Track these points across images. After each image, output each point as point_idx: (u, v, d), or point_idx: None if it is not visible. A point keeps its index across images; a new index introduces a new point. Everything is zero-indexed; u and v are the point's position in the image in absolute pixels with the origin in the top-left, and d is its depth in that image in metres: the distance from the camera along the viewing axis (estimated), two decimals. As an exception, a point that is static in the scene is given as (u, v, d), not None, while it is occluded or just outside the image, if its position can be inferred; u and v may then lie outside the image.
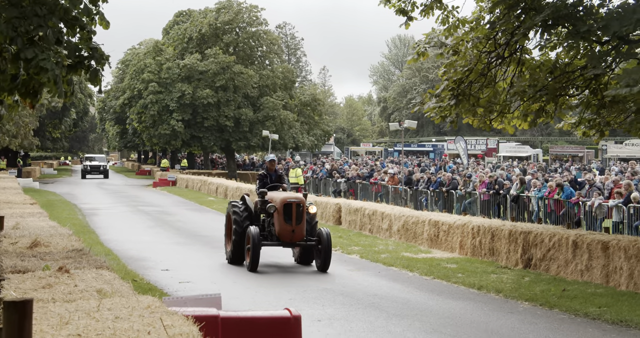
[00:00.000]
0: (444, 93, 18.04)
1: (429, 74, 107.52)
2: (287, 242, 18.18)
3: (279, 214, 17.96)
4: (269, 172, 19.96)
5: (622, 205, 22.58)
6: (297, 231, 18.03)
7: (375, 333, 11.53)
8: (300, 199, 18.22)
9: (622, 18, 14.25)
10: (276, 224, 18.07)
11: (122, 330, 5.51)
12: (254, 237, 17.53)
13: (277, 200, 18.15)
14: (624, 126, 18.17)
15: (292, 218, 17.94)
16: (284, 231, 17.97)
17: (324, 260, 17.93)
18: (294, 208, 17.98)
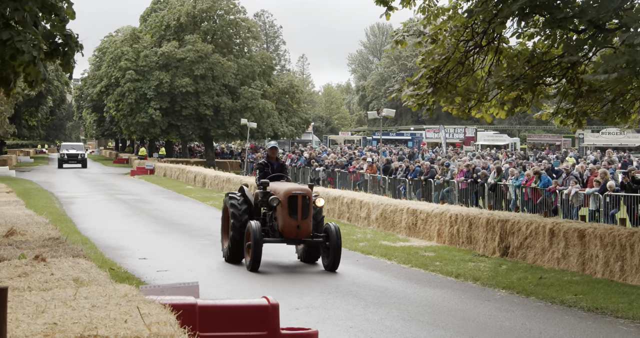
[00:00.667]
0: (422, 81, 18.04)
1: (407, 62, 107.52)
2: (291, 238, 16.59)
3: (282, 208, 16.36)
4: (270, 160, 18.32)
5: (598, 193, 22.73)
6: (303, 226, 16.41)
7: (353, 321, 11.56)
8: (306, 191, 16.60)
9: (598, 6, 14.31)
10: (279, 219, 16.48)
11: (98, 318, 5.49)
12: (255, 233, 15.92)
13: (281, 192, 16.52)
14: (600, 115, 18.26)
15: (298, 213, 16.32)
16: (289, 226, 16.35)
17: (333, 258, 16.37)
18: (300, 201, 16.34)
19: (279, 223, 16.53)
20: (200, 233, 22.89)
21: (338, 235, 16.35)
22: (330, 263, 16.45)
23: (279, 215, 16.50)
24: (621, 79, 13.46)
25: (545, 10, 15.28)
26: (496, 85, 17.51)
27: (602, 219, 22.04)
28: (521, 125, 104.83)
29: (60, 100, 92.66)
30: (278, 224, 16.56)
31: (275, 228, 16.80)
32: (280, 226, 16.49)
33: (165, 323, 5.50)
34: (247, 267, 16.32)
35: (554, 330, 11.35)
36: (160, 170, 57.03)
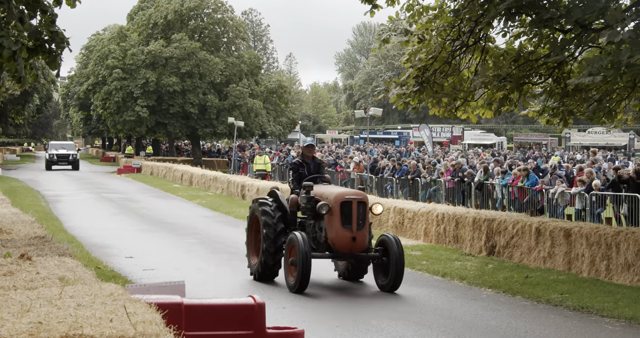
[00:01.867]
0: (408, 80, 18.07)
1: (394, 61, 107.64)
2: (345, 253, 14.00)
3: (333, 216, 13.85)
4: (306, 159, 15.53)
5: (584, 192, 22.81)
6: (359, 239, 13.86)
7: (340, 320, 11.58)
8: (362, 196, 14.19)
9: (584, 6, 14.37)
10: (330, 229, 13.96)
11: (84, 317, 5.47)
12: (303, 247, 13.34)
13: (331, 196, 14.03)
14: (586, 114, 18.33)
15: (353, 222, 13.81)
16: (342, 238, 13.81)
17: (395, 277, 13.81)
18: (355, 208, 13.89)
19: (328, 234, 14.00)
20: (187, 232, 22.85)
21: (400, 250, 13.88)
22: (390, 283, 13.87)
23: (329, 225, 13.98)
24: (606, 79, 13.53)
25: (532, 10, 15.34)
26: (483, 85, 17.55)
27: (588, 218, 22.12)
28: (508, 124, 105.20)
29: (47, 98, 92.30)
30: (327, 236, 14.04)
31: (320, 240, 14.27)
32: (331, 238, 13.94)
33: (151, 323, 5.49)
34: (289, 288, 13.73)
35: (540, 329, 11.39)
36: (147, 168, 56.90)
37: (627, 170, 25.37)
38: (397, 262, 13.73)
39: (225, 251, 19.05)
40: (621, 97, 17.42)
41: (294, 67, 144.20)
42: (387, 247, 14.04)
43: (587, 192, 22.73)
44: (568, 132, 77.40)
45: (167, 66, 63.64)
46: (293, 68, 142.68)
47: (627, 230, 15.30)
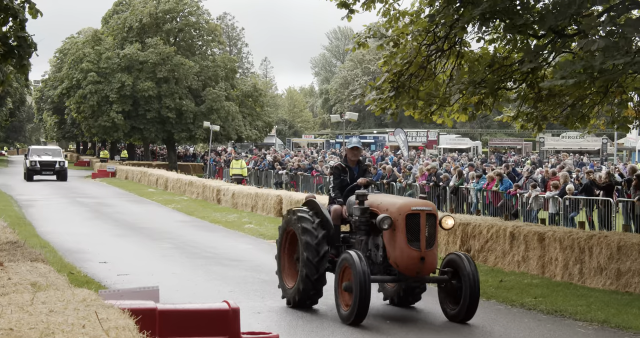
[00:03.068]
0: (384, 85, 18.11)
1: (370, 65, 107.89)
2: (411, 276, 11.81)
3: (397, 231, 11.59)
4: (349, 164, 13.33)
5: (558, 197, 22.96)
6: (429, 259, 11.65)
7: (314, 325, 11.59)
8: (431, 207, 11.94)
9: (557, 12, 14.47)
10: (392, 247, 11.71)
11: (56, 323, 5.44)
12: (360, 270, 11.18)
13: (393, 208, 11.78)
14: (560, 119, 18.45)
15: (421, 239, 11.57)
16: (408, 259, 11.54)
17: (469, 304, 11.64)
18: (424, 222, 11.64)
19: (390, 253, 11.77)
20: (162, 237, 22.76)
21: (474, 271, 11.73)
22: (463, 311, 11.72)
23: (390, 242, 11.74)
24: (579, 84, 13.63)
25: (506, 16, 15.42)
26: (458, 90, 17.61)
27: (562, 222, 22.28)
28: (483, 129, 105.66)
29: (20, 102, 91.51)
30: (388, 255, 11.84)
31: (376, 260, 12.15)
32: (393, 257, 11.69)
33: (124, 328, 5.47)
34: (343, 319, 11.65)
35: (514, 332, 11.44)
36: (121, 173, 56.65)
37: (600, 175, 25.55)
38: (471, 287, 11.54)
39: (201, 256, 19.00)
40: (594, 102, 17.54)
41: (269, 71, 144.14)
42: (458, 268, 11.85)
43: (560, 196, 22.89)
44: (542, 136, 77.85)
45: (143, 71, 63.43)
46: (269, 72, 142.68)
47: (600, 234, 15.43)
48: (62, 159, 53.77)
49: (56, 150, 56.00)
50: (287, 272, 13.24)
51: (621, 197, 22.17)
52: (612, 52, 12.59)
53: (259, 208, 30.61)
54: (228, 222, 27.10)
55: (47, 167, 51.81)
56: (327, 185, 13.74)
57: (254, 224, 26.11)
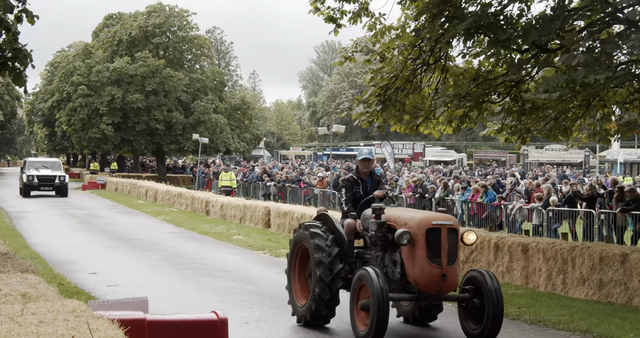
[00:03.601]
0: (371, 98, 18.17)
1: (357, 79, 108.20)
2: (432, 295, 10.95)
3: (417, 247, 10.76)
4: (362, 176, 12.67)
5: (541, 208, 23.03)
6: (450, 276, 10.78)
7: (301, 335, 11.56)
8: (453, 221, 11.09)
9: (540, 28, 14.56)
10: (411, 264, 10.88)
11: (46, 334, 5.42)
12: (378, 288, 10.39)
13: (412, 222, 10.97)
14: (543, 132, 18.54)
15: (443, 255, 10.73)
16: (429, 276, 10.71)
17: (493, 323, 10.82)
18: (445, 237, 10.81)
19: (409, 270, 10.94)
20: (152, 248, 22.69)
21: (498, 289, 10.91)
22: (486, 331, 10.89)
23: (409, 259, 10.91)
24: (562, 98, 13.72)
25: (490, 31, 15.50)
26: (443, 103, 17.69)
27: (545, 233, 22.34)
28: (468, 141, 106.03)
29: (11, 115, 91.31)
30: (407, 272, 10.99)
31: (394, 277, 11.31)
32: (413, 275, 10.86)
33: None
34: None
35: (498, 342, 11.44)
36: (111, 184, 56.50)
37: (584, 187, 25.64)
38: (494, 305, 10.75)
39: (189, 267, 18.95)
40: (576, 115, 17.65)
41: (257, 84, 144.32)
42: (480, 286, 11.04)
43: (544, 207, 22.96)
44: (526, 149, 78.23)
45: (132, 84, 63.45)
46: (257, 85, 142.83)
47: (583, 245, 15.48)
48: (62, 172, 48.13)
49: (55, 163, 49.79)
50: (298, 288, 12.60)
51: (603, 209, 22.25)
52: (593, 66, 12.67)
53: (247, 219, 30.57)
54: (217, 233, 27.04)
55: (46, 182, 46.70)
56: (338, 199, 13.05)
57: (242, 235, 26.07)
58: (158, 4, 68.87)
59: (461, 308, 11.43)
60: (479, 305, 11.02)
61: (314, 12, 17.73)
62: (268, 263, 19.86)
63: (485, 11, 15.58)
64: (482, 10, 15.74)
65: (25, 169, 47.48)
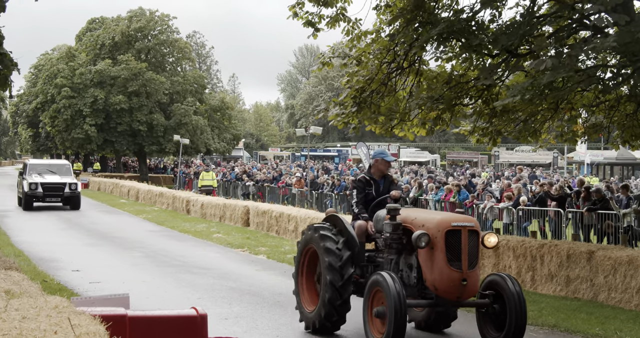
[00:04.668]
0: (347, 100, 18.20)
1: (334, 82, 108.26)
2: (452, 300, 10.09)
3: (436, 250, 9.88)
4: (374, 176, 11.80)
5: (512, 207, 23.15)
6: (471, 281, 9.92)
7: (280, 330, 11.55)
8: (473, 222, 10.17)
9: (510, 33, 14.64)
10: (429, 268, 10.01)
11: (28, 330, 5.38)
12: (395, 293, 9.53)
13: (430, 223, 10.08)
14: (513, 134, 18.64)
15: (463, 259, 9.85)
16: (449, 281, 9.84)
17: (515, 331, 9.97)
18: (465, 240, 9.93)
19: (427, 275, 10.07)
20: (134, 246, 22.60)
21: (520, 294, 10.02)
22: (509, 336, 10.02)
23: (427, 263, 10.04)
24: (531, 101, 13.80)
25: (462, 36, 15.56)
26: (417, 106, 17.73)
27: (515, 232, 22.45)
28: (441, 143, 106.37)
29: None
30: (424, 277, 10.14)
31: (410, 282, 10.44)
32: (431, 280, 9.99)
33: (95, 334, 5.43)
34: None
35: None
36: (94, 184, 56.22)
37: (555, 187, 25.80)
38: (517, 312, 9.91)
39: (170, 264, 18.89)
40: (545, 118, 17.77)
41: (237, 87, 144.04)
42: (501, 291, 10.16)
43: (514, 206, 23.08)
44: (497, 150, 78.56)
45: (115, 86, 63.24)
46: (236, 88, 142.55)
47: (551, 243, 15.60)
48: (73, 179, 37.22)
49: (64, 167, 38.65)
50: (306, 293, 11.76)
51: (571, 208, 22.40)
52: (560, 71, 12.76)
53: (227, 218, 30.51)
54: (197, 232, 26.98)
55: (53, 192, 35.65)
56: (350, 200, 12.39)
57: (222, 234, 26.03)
58: (139, 9, 68.66)
59: (480, 314, 10.56)
60: (500, 311, 10.17)
61: (293, 17, 17.72)
62: (247, 261, 19.83)
63: (458, 17, 15.64)
64: (454, 16, 15.81)
65: (26, 175, 36.14)
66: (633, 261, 13.79)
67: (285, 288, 15.61)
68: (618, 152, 63.52)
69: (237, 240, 24.19)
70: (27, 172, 36.36)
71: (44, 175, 36.18)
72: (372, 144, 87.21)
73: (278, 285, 15.98)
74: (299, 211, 26.19)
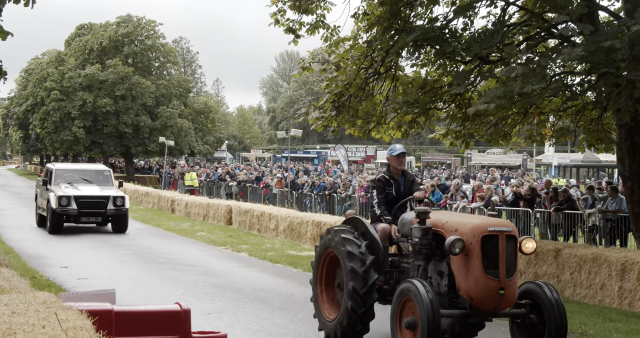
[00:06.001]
0: (326, 104, 18.23)
1: (314, 87, 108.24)
2: (489, 311, 8.94)
3: (471, 257, 8.76)
4: (394, 175, 10.77)
5: (483, 207, 23.23)
6: (509, 290, 8.80)
7: (261, 325, 11.53)
8: (511, 227, 9.01)
9: (482, 41, 14.71)
10: (463, 276, 8.88)
11: (17, 324, 5.35)
12: (428, 303, 8.45)
13: (464, 228, 8.98)
14: (485, 137, 18.73)
15: (500, 266, 8.73)
16: (486, 290, 8.71)
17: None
18: (503, 246, 8.80)
19: (461, 283, 8.94)
20: (120, 244, 22.50)
21: (560, 304, 8.94)
22: None
23: (461, 270, 8.90)
24: (501, 107, 13.88)
25: (436, 43, 15.62)
26: (393, 109, 17.78)
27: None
28: (416, 145, 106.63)
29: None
30: (458, 285, 8.99)
31: (442, 290, 9.30)
32: (466, 288, 8.85)
33: (82, 328, 5.40)
34: None
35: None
36: (82, 184, 55.82)
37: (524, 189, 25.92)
38: (556, 323, 8.83)
39: (156, 261, 18.82)
40: (515, 122, 17.88)
41: (221, 91, 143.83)
42: (538, 300, 9.08)
43: (485, 206, 23.17)
44: (469, 152, 78.85)
45: (103, 89, 63.08)
46: (220, 92, 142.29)
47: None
48: (117, 190, 26.33)
49: (102, 174, 27.36)
50: (326, 300, 10.66)
51: (539, 208, 22.53)
52: (529, 78, 12.84)
53: (210, 217, 30.46)
54: (181, 230, 26.90)
55: (92, 209, 25.13)
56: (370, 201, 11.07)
57: (205, 232, 25.98)
58: (127, 15, 68.44)
59: (515, 325, 9.46)
60: (538, 321, 9.09)
61: (274, 24, 17.74)
62: (229, 258, 19.81)
63: (432, 25, 15.70)
64: (429, 24, 15.87)
65: (51, 184, 25.58)
66: (597, 259, 13.91)
67: (266, 284, 15.63)
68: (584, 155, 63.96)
69: (220, 238, 24.15)
70: (52, 181, 25.73)
71: (76, 185, 25.65)
72: (350, 146, 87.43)
73: (259, 282, 15.97)
74: (280, 210, 26.20)
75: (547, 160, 71.14)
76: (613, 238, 19.25)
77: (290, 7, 17.26)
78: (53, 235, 24.31)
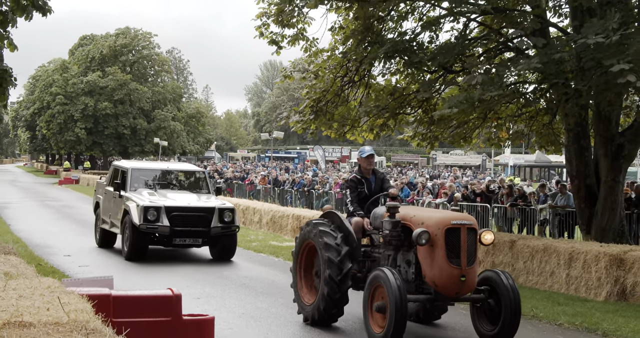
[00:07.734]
0: (305, 109, 18.25)
1: (295, 93, 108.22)
2: (451, 296, 9.07)
3: (436, 248, 8.88)
4: (365, 174, 10.72)
5: (446, 203, 23.32)
6: (469, 277, 8.95)
7: (245, 308, 11.51)
8: (472, 221, 9.17)
9: (445, 53, 14.78)
10: (429, 265, 8.99)
11: (24, 306, 5.32)
12: (396, 289, 8.59)
13: (430, 221, 9.10)
14: (448, 139, 18.81)
15: (462, 256, 8.86)
16: (448, 277, 8.85)
17: (509, 326, 9.05)
18: (464, 237, 8.93)
19: (426, 271, 9.05)
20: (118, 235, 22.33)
21: (515, 290, 9.09)
22: (503, 332, 9.07)
23: (427, 259, 9.01)
24: (463, 111, 13.95)
25: (405, 54, 15.68)
26: (366, 114, 17.81)
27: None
28: (387, 146, 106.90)
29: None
30: (424, 273, 9.10)
31: (409, 278, 9.43)
32: (431, 276, 8.97)
33: (82, 311, 5.38)
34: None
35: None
36: (84, 180, 55.51)
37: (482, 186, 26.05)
38: (511, 307, 8.97)
39: (150, 251, 18.69)
40: (475, 125, 17.96)
41: (210, 96, 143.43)
42: (496, 286, 9.21)
43: (448, 202, 23.26)
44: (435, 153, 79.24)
45: (103, 94, 62.86)
46: (209, 97, 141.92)
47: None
48: (222, 201, 17.73)
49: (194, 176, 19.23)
50: (304, 286, 10.69)
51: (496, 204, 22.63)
52: (488, 86, 12.92)
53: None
54: (174, 222, 26.75)
55: (191, 226, 16.50)
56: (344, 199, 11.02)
57: (196, 224, 25.86)
58: (125, 28, 68.15)
59: (474, 309, 9.56)
60: (494, 307, 9.22)
61: (259, 36, 17.70)
62: (218, 248, 19.72)
63: (401, 38, 15.77)
64: (398, 37, 15.95)
65: (126, 190, 17.44)
66: (547, 249, 14.00)
67: (251, 272, 15.60)
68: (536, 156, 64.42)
69: (209, 229, 24.05)
70: (128, 185, 17.56)
71: (163, 192, 17.48)
72: (327, 147, 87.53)
73: (244, 269, 15.95)
74: (263, 205, 26.20)
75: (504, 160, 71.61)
76: (561, 230, 19.39)
77: (274, 21, 17.24)
78: (57, 227, 24.12)
